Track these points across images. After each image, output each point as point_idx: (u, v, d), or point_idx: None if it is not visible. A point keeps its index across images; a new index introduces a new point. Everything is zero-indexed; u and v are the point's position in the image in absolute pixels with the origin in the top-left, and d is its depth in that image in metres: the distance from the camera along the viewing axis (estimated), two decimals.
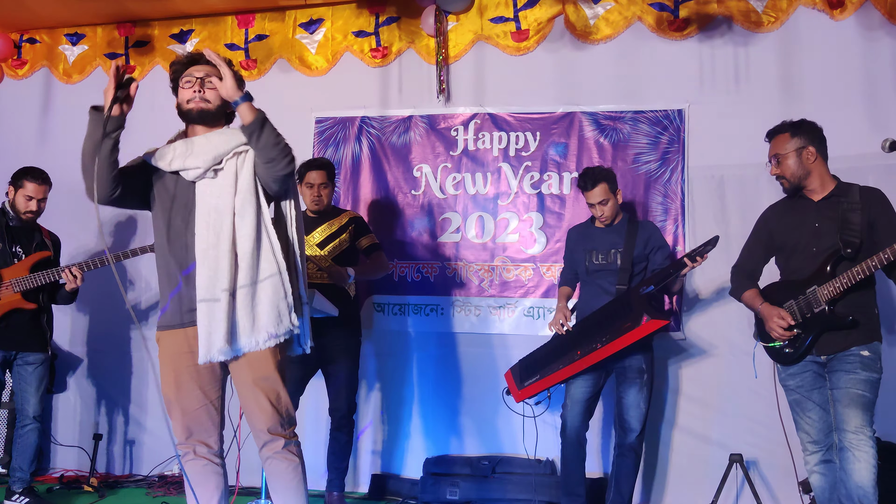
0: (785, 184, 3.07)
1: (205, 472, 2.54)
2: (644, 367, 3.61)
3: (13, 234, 4.02)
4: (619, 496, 3.65)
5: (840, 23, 4.18)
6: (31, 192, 3.98)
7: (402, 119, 4.75)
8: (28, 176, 3.99)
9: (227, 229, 2.45)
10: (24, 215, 3.99)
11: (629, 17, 4.46)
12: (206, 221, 2.47)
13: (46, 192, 4.04)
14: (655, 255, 3.69)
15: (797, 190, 3.06)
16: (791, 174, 3.03)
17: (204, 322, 2.41)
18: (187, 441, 2.54)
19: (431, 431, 4.52)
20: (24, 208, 3.98)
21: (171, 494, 4.34)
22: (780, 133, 3.08)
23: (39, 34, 5.31)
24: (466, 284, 4.57)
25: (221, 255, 2.42)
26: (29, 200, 3.98)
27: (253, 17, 4.99)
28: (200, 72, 2.59)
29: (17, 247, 4.01)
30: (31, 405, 3.97)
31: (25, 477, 3.97)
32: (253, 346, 2.44)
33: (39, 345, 4.01)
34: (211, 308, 2.40)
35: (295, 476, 2.53)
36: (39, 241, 4.10)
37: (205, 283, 2.43)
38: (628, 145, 4.42)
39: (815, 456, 3.02)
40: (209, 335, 2.40)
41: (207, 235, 2.46)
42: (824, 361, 2.97)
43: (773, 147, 3.09)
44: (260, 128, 2.45)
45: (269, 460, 2.53)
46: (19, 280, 3.90)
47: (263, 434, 2.51)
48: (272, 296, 2.46)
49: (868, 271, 2.80)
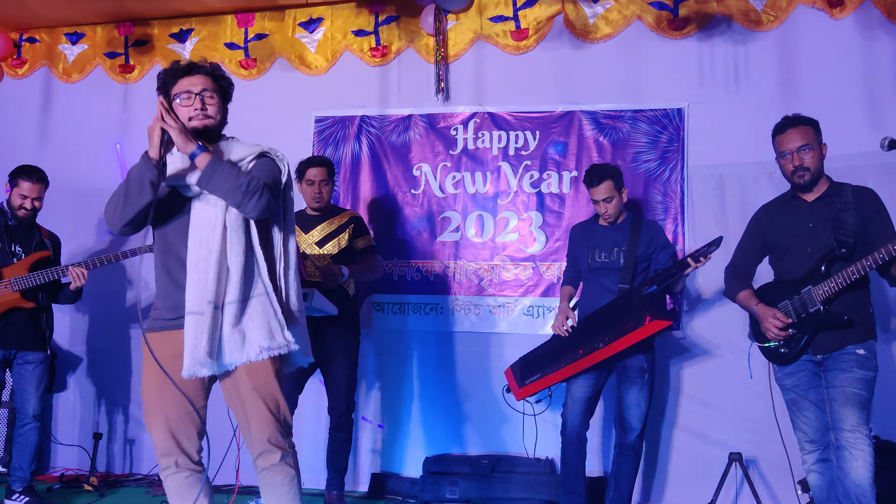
0: (806, 176, 2.98)
1: (188, 483, 2.48)
2: (645, 367, 3.61)
3: (12, 233, 4.02)
4: (618, 495, 3.65)
5: (839, 21, 4.18)
6: (26, 190, 3.97)
7: (401, 118, 4.75)
8: (22, 175, 3.98)
9: (218, 243, 2.42)
10: (18, 212, 3.99)
11: (629, 16, 4.47)
12: (199, 236, 2.45)
13: (41, 192, 4.03)
14: (658, 254, 3.68)
15: (812, 186, 3.02)
16: (815, 167, 2.98)
17: (189, 335, 2.37)
18: (170, 452, 2.46)
19: (431, 430, 4.52)
20: (18, 206, 3.98)
21: None
22: (805, 124, 3.01)
23: (39, 33, 5.31)
24: (466, 283, 4.57)
25: (209, 268, 2.40)
26: (23, 199, 3.97)
27: (252, 17, 4.99)
28: (197, 86, 2.51)
29: (17, 246, 4.01)
30: (30, 404, 3.97)
31: (25, 476, 3.97)
32: (244, 360, 2.41)
33: (39, 344, 4.01)
34: (196, 321, 2.37)
35: (291, 488, 2.49)
36: (39, 241, 4.09)
37: (193, 295, 2.40)
38: (628, 144, 4.42)
39: (812, 455, 3.03)
40: (193, 349, 2.36)
41: (200, 248, 2.43)
42: (820, 360, 2.97)
43: (798, 137, 2.99)
44: (210, 176, 2.38)
45: (265, 471, 2.48)
46: (18, 279, 3.90)
47: (262, 444, 2.46)
48: (262, 313, 2.44)
49: (863, 271, 2.80)
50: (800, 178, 3.00)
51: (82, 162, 5.10)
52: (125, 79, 5.18)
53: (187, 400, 2.44)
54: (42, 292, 4.02)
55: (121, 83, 5.19)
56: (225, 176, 2.38)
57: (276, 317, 2.45)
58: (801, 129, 3.00)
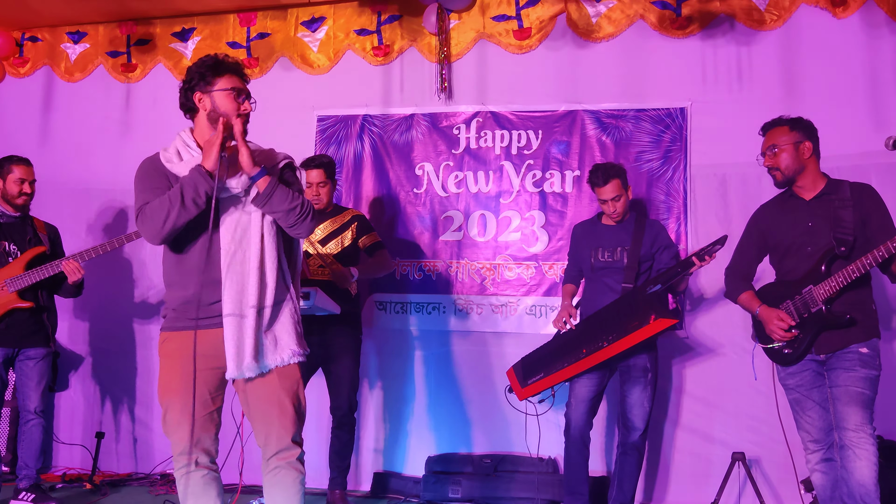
0: (778, 176, 3.06)
1: (204, 482, 2.50)
2: (649, 366, 3.60)
3: (5, 231, 3.97)
4: (621, 495, 3.65)
5: (842, 21, 4.18)
6: (22, 174, 3.95)
7: (404, 117, 4.75)
8: (13, 160, 3.96)
9: (256, 247, 2.48)
10: (18, 199, 3.94)
11: (631, 16, 4.46)
12: (232, 235, 2.48)
13: (34, 174, 4.00)
14: (662, 254, 3.68)
15: (789, 184, 3.06)
16: (786, 167, 3.02)
17: (232, 338, 2.42)
18: (190, 450, 2.47)
19: (433, 430, 4.52)
20: (16, 192, 3.94)
21: (173, 493, 4.33)
22: (778, 126, 3.08)
23: (41, 32, 5.31)
24: (468, 283, 4.57)
25: (250, 272, 2.45)
26: (21, 183, 3.94)
27: (255, 16, 4.99)
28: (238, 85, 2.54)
29: (11, 244, 3.96)
30: (31, 400, 3.93)
31: (31, 474, 3.94)
32: (279, 363, 2.48)
33: (41, 339, 3.97)
34: (239, 324, 2.42)
35: (300, 488, 2.51)
36: (32, 236, 4.03)
37: (232, 296, 2.43)
38: (630, 143, 4.41)
39: (816, 455, 3.02)
40: (238, 351, 2.41)
41: (234, 249, 2.48)
42: (823, 360, 2.97)
43: (770, 138, 3.08)
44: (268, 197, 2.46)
45: (277, 469, 2.49)
46: (13, 279, 3.86)
47: (284, 442, 2.49)
48: (289, 317, 2.53)
49: (863, 269, 2.80)
50: (773, 177, 3.09)
51: (84, 161, 5.11)
52: (127, 78, 5.18)
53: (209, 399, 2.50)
54: (41, 290, 3.98)
55: (123, 82, 5.19)
56: (282, 198, 2.47)
57: (300, 322, 2.57)
58: (773, 132, 3.08)
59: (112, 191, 5.00)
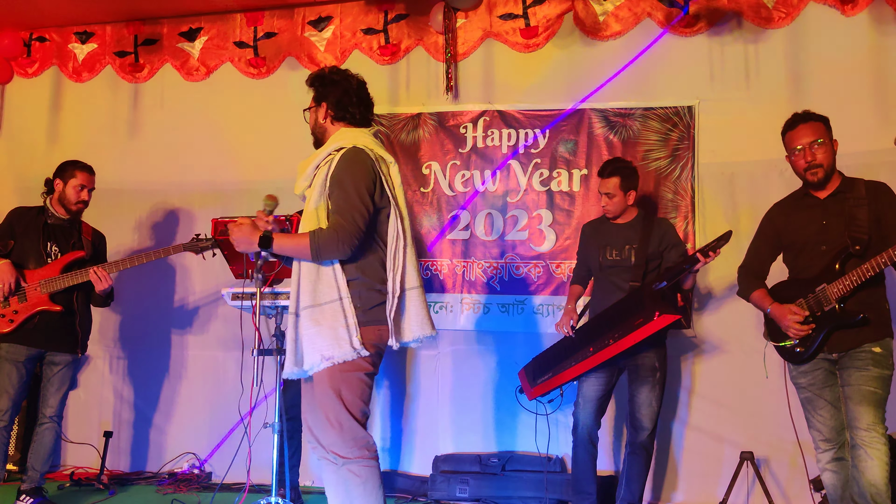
0: (820, 172, 2.95)
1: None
2: (657, 365, 3.59)
3: (50, 232, 3.95)
4: (629, 494, 3.64)
5: (851, 19, 4.16)
6: (84, 180, 3.96)
7: (410, 116, 4.74)
8: (78, 166, 3.97)
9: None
10: (75, 206, 3.95)
11: (638, 14, 4.45)
12: None
13: (94, 183, 4.03)
14: (670, 252, 3.66)
15: (826, 181, 2.99)
16: (828, 164, 2.95)
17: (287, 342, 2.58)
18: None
19: (441, 429, 4.52)
20: (76, 199, 3.94)
21: (180, 492, 4.35)
22: (817, 120, 2.98)
23: (49, 33, 5.33)
24: (475, 282, 4.56)
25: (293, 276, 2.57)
26: (81, 190, 3.95)
27: (262, 15, 5.00)
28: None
29: (54, 245, 3.93)
30: (48, 405, 3.91)
31: (36, 477, 3.91)
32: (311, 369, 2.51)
33: (68, 345, 3.92)
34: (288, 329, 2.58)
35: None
36: (76, 240, 4.01)
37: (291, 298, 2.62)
38: (638, 142, 4.40)
39: (827, 454, 3.00)
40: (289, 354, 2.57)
41: None
42: (836, 359, 2.95)
43: (809, 133, 2.96)
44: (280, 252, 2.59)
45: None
46: (48, 281, 3.83)
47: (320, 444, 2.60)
48: (331, 320, 2.48)
49: (878, 268, 2.78)
50: (813, 174, 2.97)
51: (93, 161, 5.06)
52: (135, 77, 5.19)
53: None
54: (78, 294, 3.93)
55: (131, 82, 5.20)
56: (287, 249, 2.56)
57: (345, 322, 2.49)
58: (812, 125, 2.97)
59: (120, 191, 5.01)
